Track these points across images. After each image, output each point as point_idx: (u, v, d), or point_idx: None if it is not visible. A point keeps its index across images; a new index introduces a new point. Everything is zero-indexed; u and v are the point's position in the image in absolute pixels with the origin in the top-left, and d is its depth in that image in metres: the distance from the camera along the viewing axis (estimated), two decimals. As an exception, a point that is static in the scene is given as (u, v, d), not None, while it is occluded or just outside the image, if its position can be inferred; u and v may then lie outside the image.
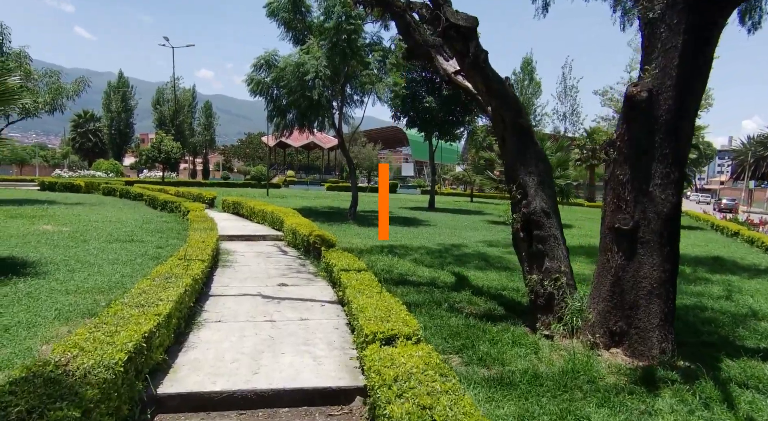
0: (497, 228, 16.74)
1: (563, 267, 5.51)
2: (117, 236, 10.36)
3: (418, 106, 22.55)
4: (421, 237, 13.35)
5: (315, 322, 5.52)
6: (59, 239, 9.58)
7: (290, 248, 11.00)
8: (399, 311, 4.53)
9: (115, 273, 7.11)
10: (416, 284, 7.70)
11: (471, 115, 23.66)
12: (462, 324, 5.63)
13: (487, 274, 8.70)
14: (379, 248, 10.88)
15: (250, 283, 7.29)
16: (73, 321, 4.96)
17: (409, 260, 9.81)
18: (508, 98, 5.82)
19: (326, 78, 15.39)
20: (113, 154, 60.18)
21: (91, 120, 63.87)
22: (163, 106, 61.48)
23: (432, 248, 11.49)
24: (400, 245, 11.55)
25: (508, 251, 11.58)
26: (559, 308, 5.38)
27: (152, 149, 32.13)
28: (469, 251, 11.37)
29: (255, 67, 17.37)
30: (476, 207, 29.38)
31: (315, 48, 15.40)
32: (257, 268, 8.46)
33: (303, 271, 8.44)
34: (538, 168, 5.77)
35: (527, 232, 5.76)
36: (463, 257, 10.36)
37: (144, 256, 8.52)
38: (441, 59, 6.82)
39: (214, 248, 8.19)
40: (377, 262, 9.28)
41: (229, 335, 4.92)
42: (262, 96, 17.76)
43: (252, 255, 9.80)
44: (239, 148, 73.22)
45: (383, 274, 8.24)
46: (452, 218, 19.92)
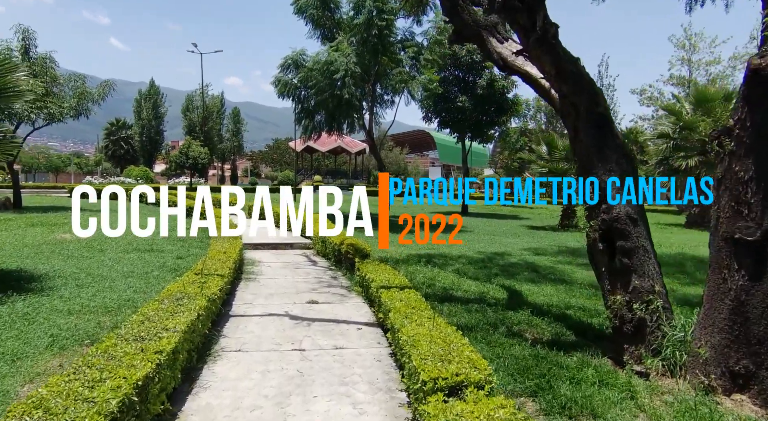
0: (539, 234, 15.58)
1: (657, 286, 4.46)
2: (136, 245, 9.71)
3: (451, 107, 21.57)
4: (460, 244, 12.34)
5: (352, 352, 4.62)
6: (74, 248, 8.97)
7: (320, 257, 10.18)
8: (461, 346, 3.59)
9: (127, 289, 6.37)
10: (463, 300, 6.72)
11: (506, 115, 22.53)
12: (529, 355, 4.64)
13: (542, 288, 7.65)
14: (415, 257, 9.95)
15: (276, 300, 6.45)
16: (69, 350, 4.19)
17: (450, 271, 8.83)
18: (583, 82, 4.82)
19: (356, 76, 14.57)
20: (144, 161, 60.97)
21: (123, 128, 65.02)
22: (193, 113, 62.00)
23: (474, 257, 10.49)
24: (438, 254, 10.58)
25: (558, 260, 10.49)
26: (653, 337, 4.33)
27: (180, 155, 31.99)
28: (514, 260, 10.31)
29: (282, 67, 16.71)
30: (510, 211, 28.12)
31: (344, 45, 14.62)
32: (284, 281, 7.63)
33: (335, 284, 7.57)
34: (621, 166, 4.75)
35: (608, 242, 4.73)
36: (509, 268, 9.32)
37: (162, 268, 7.80)
38: (494, 41, 5.86)
39: (237, 259, 7.41)
40: (416, 273, 8.34)
41: (250, 370, 4.06)
42: (290, 98, 17.09)
43: (279, 266, 8.99)
44: (267, 153, 73.35)
45: (425, 288, 7.31)
46: (488, 223, 18.82)
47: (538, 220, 21.72)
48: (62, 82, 16.36)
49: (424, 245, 11.90)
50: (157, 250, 9.38)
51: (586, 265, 9.79)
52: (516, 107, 21.97)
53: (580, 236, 15.07)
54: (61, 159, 64.01)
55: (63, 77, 16.48)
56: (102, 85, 16.81)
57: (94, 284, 6.52)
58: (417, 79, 15.33)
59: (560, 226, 17.15)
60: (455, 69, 21.59)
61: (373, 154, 17.16)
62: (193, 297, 4.53)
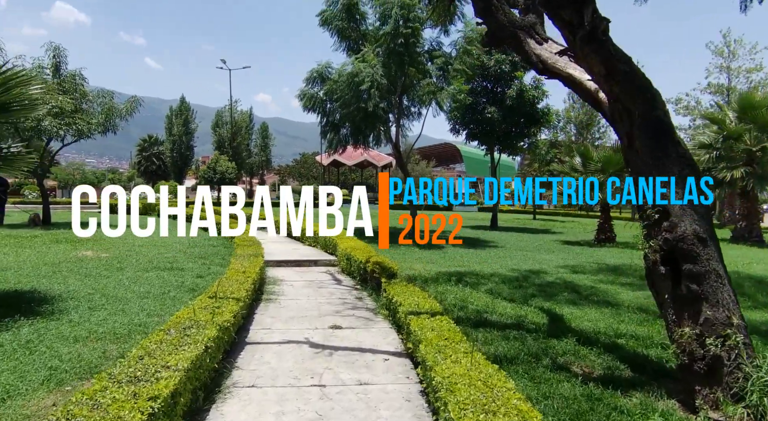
0: (574, 250, 14.78)
1: (734, 318, 3.82)
2: (156, 263, 9.44)
3: (479, 118, 21.01)
4: (491, 261, 11.71)
5: (378, 389, 4.10)
6: (93, 267, 8.75)
7: (344, 275, 9.72)
8: (506, 392, 3.04)
9: (140, 312, 6.02)
10: (499, 325, 6.13)
11: (536, 126, 21.82)
12: (581, 395, 4.04)
13: (585, 312, 6.99)
14: (445, 275, 9.39)
15: (296, 324, 5.99)
16: (66, 385, 3.80)
17: (483, 291, 8.24)
18: (637, 82, 4.27)
19: (382, 88, 14.21)
20: (174, 176, 62.11)
21: (155, 144, 66.59)
22: (222, 129, 63.00)
23: (507, 275, 9.86)
24: (468, 272, 9.99)
25: (599, 278, 9.76)
26: (732, 378, 3.69)
27: (208, 170, 32.24)
28: (551, 278, 9.64)
29: (308, 81, 16.49)
30: (541, 225, 27.19)
31: (370, 56, 14.30)
32: (306, 303, 7.18)
33: (360, 306, 7.07)
34: (684, 177, 4.15)
35: (671, 265, 4.11)
36: (547, 288, 8.66)
37: (180, 288, 7.46)
38: (532, 43, 5.35)
39: (257, 278, 7.00)
40: (446, 294, 7.78)
41: (262, 412, 3.58)
42: (315, 111, 16.84)
43: (301, 285, 8.56)
44: (294, 168, 73.93)
45: (456, 310, 6.75)
46: (519, 238, 18.07)
47: (571, 234, 20.83)
48: (91, 99, 16.52)
49: (454, 262, 11.33)
50: (177, 268, 9.08)
51: (630, 285, 9.06)
52: (547, 117, 21.25)
53: (619, 252, 14.23)
54: (95, 175, 65.81)
55: (92, 94, 16.65)
56: (129, 101, 16.91)
57: (107, 306, 6.20)
58: (445, 89, 14.86)
59: (596, 241, 16.29)
60: (483, 80, 21.07)
61: (400, 168, 16.72)
62: (204, 325, 4.11)
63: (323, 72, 16.19)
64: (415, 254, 12.79)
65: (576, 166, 16.72)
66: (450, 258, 12.03)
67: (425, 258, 11.89)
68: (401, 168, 16.51)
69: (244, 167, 67.12)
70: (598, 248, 15.18)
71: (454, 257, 12.20)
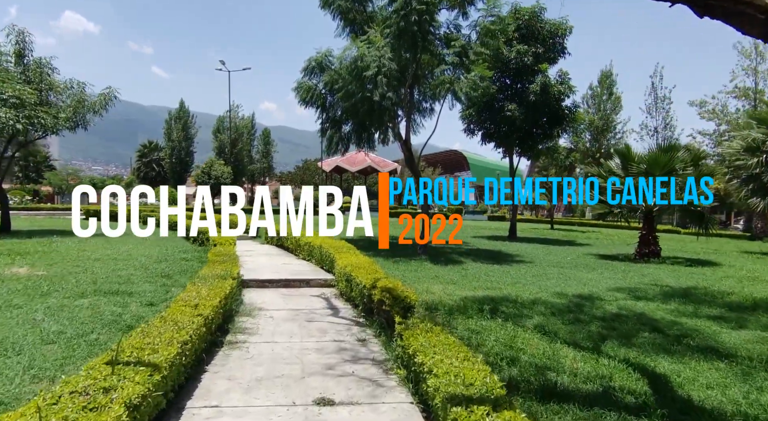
0: (616, 266, 12.53)
1: None
2: (100, 285, 7.31)
3: (497, 117, 18.89)
4: (526, 282, 9.52)
5: None
6: (10, 290, 6.63)
7: (343, 301, 7.55)
8: None
9: (28, 369, 3.90)
10: (578, 396, 3.95)
11: (560, 126, 19.65)
12: None
13: (692, 367, 4.78)
14: (473, 303, 7.21)
15: (263, 394, 3.83)
16: None
17: (531, 327, 6.05)
18: None
19: (391, 75, 12.12)
20: (174, 182, 60.16)
21: (155, 150, 64.92)
22: (223, 134, 61.15)
23: (553, 302, 7.66)
24: (503, 297, 7.80)
25: (674, 308, 7.53)
26: None
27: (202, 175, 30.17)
28: (613, 308, 7.42)
29: (305, 71, 14.41)
30: (563, 235, 24.88)
31: (377, 37, 12.22)
32: (286, 349, 5.01)
33: (363, 357, 4.89)
34: None
35: None
36: (615, 323, 6.45)
37: (112, 324, 5.32)
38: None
39: (213, 316, 4.85)
40: (484, 334, 5.62)
41: None
42: (314, 106, 14.78)
43: (285, 316, 6.40)
44: (296, 174, 71.95)
45: (506, 367, 4.58)
46: (546, 251, 15.84)
47: (602, 247, 18.56)
48: (60, 91, 14.50)
49: (480, 282, 9.15)
50: (124, 292, 6.93)
51: (724, 319, 6.84)
52: (574, 116, 19.08)
53: (673, 270, 11.99)
54: (93, 181, 63.96)
55: (62, 85, 14.63)
56: (103, 94, 14.82)
57: (-24, 360, 4.07)
58: (464, 78, 12.72)
59: (638, 256, 14.02)
60: (502, 75, 18.96)
61: (410, 168, 14.59)
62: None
63: (323, 61, 14.13)
64: (428, 269, 10.62)
65: (613, 169, 14.53)
66: (473, 276, 9.84)
67: (443, 276, 9.71)
68: (412, 168, 14.39)
69: (246, 174, 65.23)
70: (644, 265, 12.93)
71: (477, 275, 10.01)
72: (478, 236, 22.02)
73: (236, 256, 8.66)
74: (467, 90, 12.64)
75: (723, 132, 37.15)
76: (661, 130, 39.23)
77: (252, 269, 9.60)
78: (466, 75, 13.06)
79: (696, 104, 37.80)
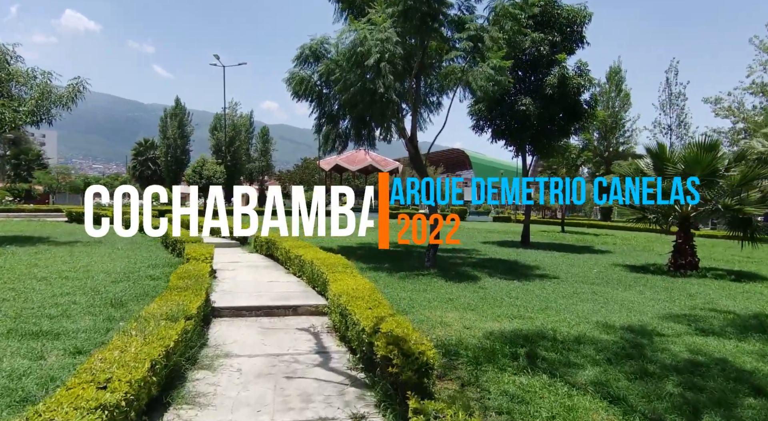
0: (653, 282, 10.93)
1: None
2: (24, 319, 5.72)
3: (508, 112, 17.27)
4: (558, 306, 7.90)
5: None
6: None
7: (336, 339, 5.95)
8: None
9: None
10: None
11: (578, 122, 18.04)
12: None
13: None
14: (503, 341, 5.63)
15: None
16: None
17: (587, 384, 4.46)
18: None
19: (395, 61, 10.52)
20: (169, 181, 58.58)
21: (151, 148, 63.38)
22: (220, 132, 59.63)
23: (601, 339, 6.06)
24: (536, 332, 6.20)
25: (762, 349, 5.93)
26: None
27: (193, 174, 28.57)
28: (680, 349, 5.82)
29: (298, 59, 12.77)
30: (576, 240, 23.24)
31: (379, 18, 10.60)
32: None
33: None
34: None
35: None
36: (695, 378, 4.85)
37: (3, 395, 3.74)
38: None
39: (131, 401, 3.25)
40: (530, 403, 4.03)
41: None
42: (308, 99, 13.18)
43: (258, 370, 4.79)
44: (295, 173, 70.31)
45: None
46: (566, 261, 14.24)
47: (625, 254, 16.92)
48: (22, 81, 12.88)
49: (503, 308, 7.55)
50: (49, 332, 5.33)
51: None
52: (593, 112, 17.47)
53: (721, 287, 10.37)
54: (86, 180, 62.39)
55: (24, 75, 13.01)
56: (71, 85, 13.17)
57: None
58: (480, 66, 11.09)
59: (673, 267, 12.38)
60: (515, 66, 17.31)
61: (415, 166, 13.01)
62: None
63: (318, 49, 12.53)
64: (439, 288, 9.02)
65: (644, 169, 12.92)
66: (494, 299, 8.24)
67: (458, 298, 8.10)
68: (418, 168, 12.80)
69: (244, 173, 63.67)
70: (684, 279, 11.31)
71: (499, 297, 8.40)
72: (487, 241, 20.41)
73: (207, 278, 7.05)
74: (482, 83, 11.01)
75: (740, 130, 35.65)
76: (675, 128, 37.57)
77: (228, 290, 8.01)
78: (480, 64, 11.44)
79: (711, 101, 36.20)
